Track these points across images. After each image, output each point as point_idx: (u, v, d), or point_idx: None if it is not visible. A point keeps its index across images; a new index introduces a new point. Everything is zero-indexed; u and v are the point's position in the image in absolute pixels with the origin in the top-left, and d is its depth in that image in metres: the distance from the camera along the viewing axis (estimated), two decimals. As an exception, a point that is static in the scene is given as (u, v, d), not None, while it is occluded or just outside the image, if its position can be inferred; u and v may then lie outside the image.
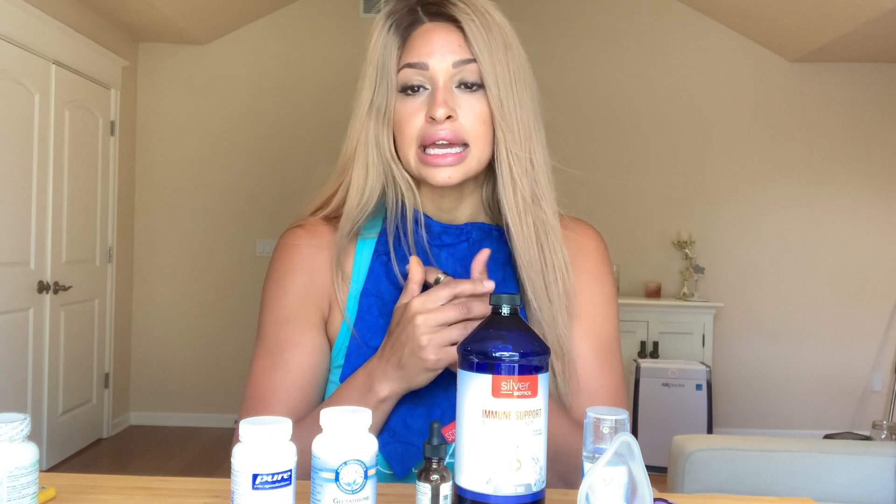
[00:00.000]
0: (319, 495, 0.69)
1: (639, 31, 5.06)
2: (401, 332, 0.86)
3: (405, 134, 0.95)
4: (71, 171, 4.08)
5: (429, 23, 0.96)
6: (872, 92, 4.97)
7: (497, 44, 0.94)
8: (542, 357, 0.74)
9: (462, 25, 0.94)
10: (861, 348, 4.95)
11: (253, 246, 4.99)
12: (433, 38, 0.95)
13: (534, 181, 0.96)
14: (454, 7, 0.95)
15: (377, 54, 0.96)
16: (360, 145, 0.98)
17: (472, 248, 1.00)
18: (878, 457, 1.92)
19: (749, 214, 5.01)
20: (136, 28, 4.68)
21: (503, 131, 0.94)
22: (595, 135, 4.97)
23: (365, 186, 0.98)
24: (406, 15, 0.97)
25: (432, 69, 0.94)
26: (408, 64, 0.95)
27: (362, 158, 0.98)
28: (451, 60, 0.94)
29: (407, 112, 0.95)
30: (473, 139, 0.94)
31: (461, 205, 1.01)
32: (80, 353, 4.26)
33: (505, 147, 0.95)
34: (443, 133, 0.93)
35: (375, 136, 0.97)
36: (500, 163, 0.95)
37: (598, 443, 0.72)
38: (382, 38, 0.97)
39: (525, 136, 0.95)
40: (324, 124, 4.89)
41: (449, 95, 0.93)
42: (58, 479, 0.86)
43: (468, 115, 0.94)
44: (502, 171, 0.95)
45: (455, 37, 0.94)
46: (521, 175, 0.95)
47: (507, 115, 0.94)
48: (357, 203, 0.98)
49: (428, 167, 0.94)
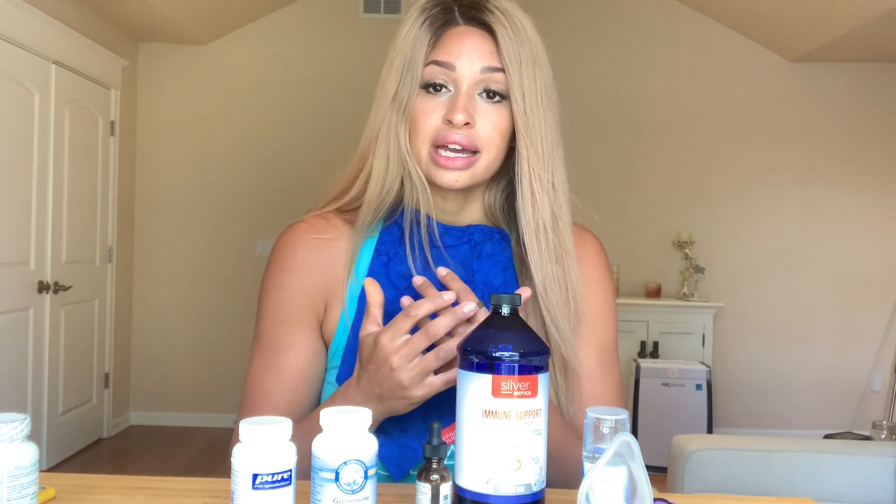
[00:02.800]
0: (319, 495, 0.69)
1: (638, 31, 5.06)
2: (376, 370, 0.84)
3: (419, 130, 0.95)
4: (71, 171, 4.08)
5: (463, 25, 0.96)
6: (872, 92, 4.97)
7: (527, 57, 0.94)
8: (542, 357, 0.74)
9: (496, 34, 0.94)
10: (861, 348, 4.95)
11: (253, 246, 5.00)
12: (465, 41, 0.95)
13: (553, 200, 0.96)
14: (491, 14, 0.95)
15: (407, 46, 0.96)
16: (382, 135, 0.97)
17: (473, 249, 1.00)
18: (878, 457, 1.92)
19: (749, 214, 5.01)
20: (136, 28, 4.68)
21: (527, 146, 0.94)
22: (595, 135, 4.97)
23: (386, 177, 0.97)
24: (441, 13, 0.97)
25: (459, 72, 0.94)
26: (435, 61, 0.95)
27: (383, 148, 0.97)
28: (480, 66, 0.94)
29: (426, 109, 0.95)
30: (486, 148, 0.94)
31: (465, 209, 1.01)
32: (80, 353, 4.26)
33: (528, 162, 0.95)
34: (457, 137, 0.93)
35: (395, 129, 0.97)
36: (522, 178, 0.95)
37: (598, 443, 0.72)
38: (414, 32, 0.96)
39: (548, 152, 0.95)
40: (324, 124, 4.89)
41: (470, 102, 0.93)
42: (58, 479, 0.86)
43: (485, 124, 0.94)
44: (523, 188, 0.95)
45: (487, 44, 0.95)
46: (541, 193, 0.95)
47: (532, 129, 0.94)
48: (378, 193, 0.97)
49: (438, 168, 0.94)
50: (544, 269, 0.96)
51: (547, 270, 0.96)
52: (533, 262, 0.96)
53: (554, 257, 0.96)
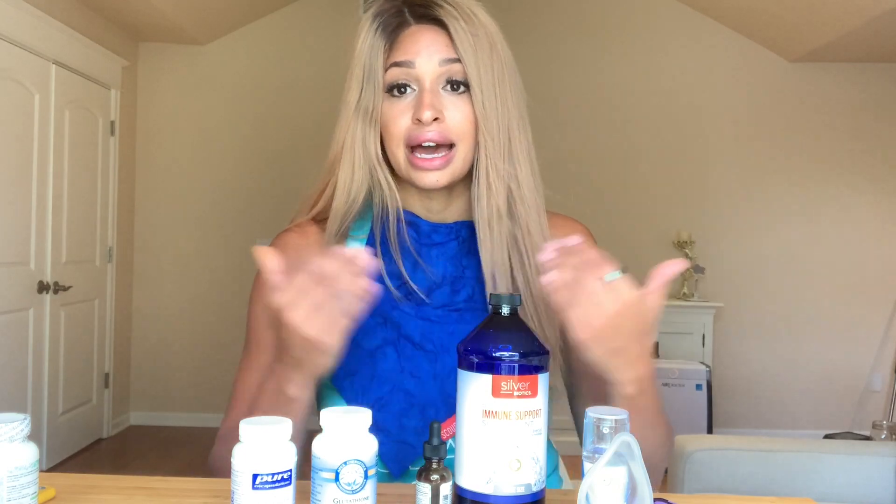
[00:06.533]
0: (319, 495, 0.70)
1: (638, 30, 5.06)
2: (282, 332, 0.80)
3: (392, 135, 0.96)
4: (71, 171, 4.08)
5: (415, 25, 0.98)
6: (872, 92, 4.97)
7: (482, 45, 0.95)
8: (542, 357, 0.74)
9: (448, 27, 0.95)
10: (861, 348, 4.95)
11: (253, 245, 4.99)
12: (420, 38, 0.96)
13: (510, 189, 0.96)
14: (440, 9, 0.96)
15: (364, 55, 0.97)
16: (347, 146, 0.98)
17: (461, 246, 1.01)
18: (878, 457, 1.92)
19: (749, 214, 5.01)
20: (136, 28, 4.68)
21: (484, 135, 0.95)
22: (594, 135, 4.97)
23: (351, 187, 0.98)
24: (393, 17, 0.98)
25: (419, 68, 0.95)
26: (394, 63, 0.96)
27: (348, 159, 0.98)
28: (438, 59, 0.95)
29: (394, 113, 0.96)
30: (460, 139, 0.95)
31: (450, 205, 1.02)
32: (80, 353, 4.26)
33: (485, 150, 0.95)
34: (430, 134, 0.93)
35: (362, 137, 0.98)
36: (479, 168, 0.96)
37: (598, 443, 0.72)
38: (370, 40, 0.97)
39: (505, 141, 0.96)
40: (324, 124, 4.87)
41: (436, 97, 0.94)
42: (58, 479, 0.86)
43: (455, 115, 0.94)
44: (479, 178, 0.96)
45: (442, 38, 0.96)
46: (497, 181, 0.95)
47: (489, 119, 0.95)
48: (343, 203, 0.98)
49: (417, 171, 0.95)
50: (494, 257, 0.95)
51: (497, 258, 0.95)
52: (483, 249, 0.96)
53: (506, 245, 0.96)
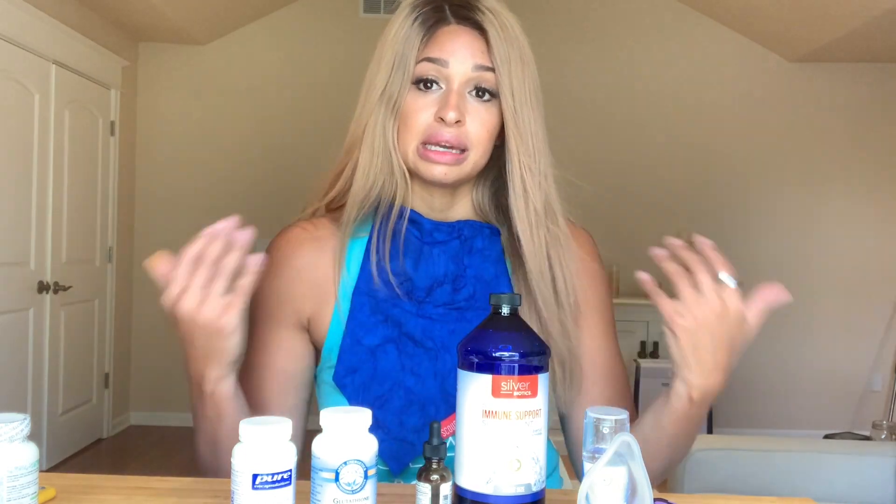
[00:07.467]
0: (319, 495, 0.70)
1: (638, 30, 5.06)
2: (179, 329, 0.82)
3: (410, 128, 0.96)
4: (71, 171, 4.07)
5: (455, 24, 0.97)
6: (872, 92, 4.97)
7: (516, 57, 0.95)
8: (542, 357, 0.74)
9: (487, 34, 0.95)
10: (861, 348, 4.95)
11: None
12: (458, 39, 0.96)
13: (546, 193, 0.98)
14: (481, 14, 0.96)
15: (398, 43, 0.96)
16: (369, 129, 0.98)
17: (463, 244, 1.01)
18: (878, 457, 1.92)
19: (749, 214, 5.00)
20: (136, 28, 4.68)
21: (517, 143, 0.96)
22: (594, 135, 4.97)
23: (370, 170, 0.98)
24: (432, 12, 0.97)
25: (452, 68, 0.95)
26: (428, 58, 0.95)
27: (369, 143, 0.98)
28: (472, 64, 0.95)
29: (417, 106, 0.95)
30: (474, 146, 0.95)
31: (453, 206, 1.02)
32: (80, 353, 4.26)
33: (518, 158, 0.96)
34: (448, 136, 0.94)
35: (382, 124, 0.97)
36: (513, 174, 0.96)
37: (598, 443, 0.72)
38: (405, 29, 0.97)
39: (537, 148, 0.97)
40: (324, 124, 4.89)
41: (462, 100, 0.95)
42: (58, 479, 0.86)
43: (475, 122, 0.95)
44: (514, 183, 0.96)
45: (479, 43, 0.96)
46: (533, 187, 0.96)
47: (522, 126, 0.95)
48: (363, 186, 0.98)
49: (426, 162, 0.95)
50: (539, 262, 0.97)
51: (541, 261, 0.97)
52: (528, 252, 0.97)
53: (546, 248, 0.97)
